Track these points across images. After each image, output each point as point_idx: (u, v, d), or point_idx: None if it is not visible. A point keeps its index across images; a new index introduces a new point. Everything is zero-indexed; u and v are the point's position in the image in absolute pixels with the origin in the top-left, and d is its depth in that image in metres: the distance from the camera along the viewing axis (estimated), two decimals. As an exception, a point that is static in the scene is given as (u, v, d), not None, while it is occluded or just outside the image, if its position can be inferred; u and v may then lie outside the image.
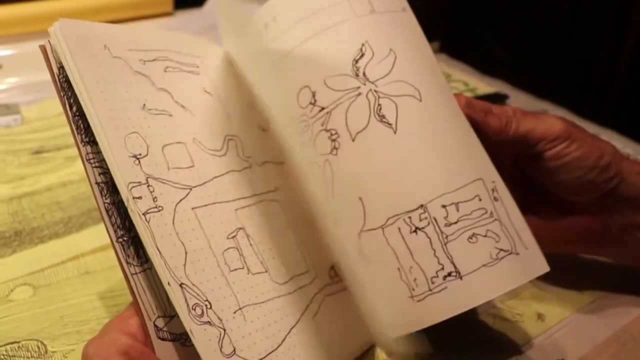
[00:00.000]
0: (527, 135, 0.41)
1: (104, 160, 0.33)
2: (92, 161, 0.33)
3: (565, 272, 0.31)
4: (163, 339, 0.33)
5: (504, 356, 0.41)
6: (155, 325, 0.33)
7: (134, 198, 0.32)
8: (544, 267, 0.35)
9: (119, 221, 0.33)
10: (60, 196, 0.55)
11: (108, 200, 0.33)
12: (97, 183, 0.33)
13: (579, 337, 0.43)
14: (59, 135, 0.64)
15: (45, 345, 0.41)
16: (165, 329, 0.33)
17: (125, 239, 0.33)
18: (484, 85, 0.75)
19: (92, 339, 0.32)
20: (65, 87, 0.34)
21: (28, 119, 0.67)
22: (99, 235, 0.51)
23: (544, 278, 0.36)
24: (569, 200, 0.43)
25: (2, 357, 0.40)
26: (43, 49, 0.34)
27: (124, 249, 0.33)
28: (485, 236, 0.34)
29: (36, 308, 0.44)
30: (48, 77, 0.34)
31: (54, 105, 0.68)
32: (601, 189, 0.41)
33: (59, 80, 0.34)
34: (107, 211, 0.33)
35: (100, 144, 0.33)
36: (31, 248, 0.49)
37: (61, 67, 0.34)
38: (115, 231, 0.33)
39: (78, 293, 0.45)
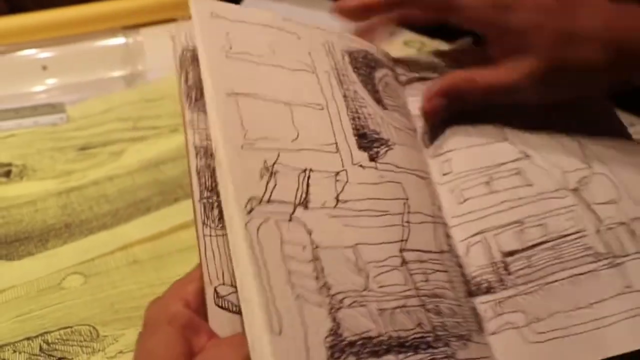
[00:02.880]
0: None
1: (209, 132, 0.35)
2: (196, 128, 0.35)
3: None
4: (221, 307, 0.33)
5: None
6: (216, 292, 0.33)
7: None
8: None
9: (209, 183, 0.34)
10: (107, 189, 0.57)
11: (202, 163, 0.35)
12: (194, 145, 0.35)
13: None
14: (104, 132, 0.66)
15: (97, 330, 0.43)
16: (227, 298, 0.33)
17: (210, 200, 0.34)
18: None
19: (156, 300, 0.32)
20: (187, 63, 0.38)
21: (73, 117, 0.69)
22: (146, 226, 0.52)
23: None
24: None
25: (56, 341, 0.42)
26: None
27: (205, 209, 0.34)
28: None
29: (87, 295, 0.46)
30: (91, 77, 0.37)
31: (98, 104, 0.71)
32: None
33: (180, 57, 0.38)
34: (197, 172, 0.34)
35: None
36: (81, 239, 0.51)
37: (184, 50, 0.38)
38: (201, 192, 0.34)
39: (127, 281, 0.47)
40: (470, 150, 0.43)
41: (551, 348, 0.35)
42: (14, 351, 0.41)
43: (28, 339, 0.42)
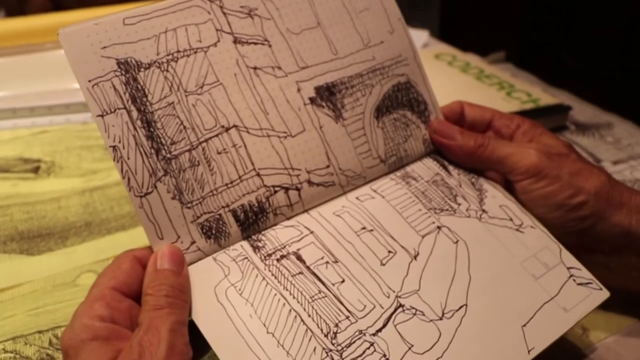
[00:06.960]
0: (499, 162, 0.42)
1: None
2: None
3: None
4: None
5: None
6: None
7: None
8: None
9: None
10: (127, 191, 0.59)
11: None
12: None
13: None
14: (130, 133, 0.68)
15: (106, 328, 0.44)
16: None
17: None
18: (547, 97, 0.74)
19: (65, 330, 0.33)
20: None
21: (104, 116, 0.71)
22: (159, 229, 0.54)
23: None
24: None
25: (66, 336, 0.44)
26: None
27: None
28: None
29: (99, 294, 0.47)
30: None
31: (128, 105, 0.73)
32: (571, 226, 0.41)
33: None
34: None
35: None
36: (99, 238, 0.53)
37: None
38: None
39: (138, 282, 0.48)
40: None
41: None
42: (25, 343, 0.43)
43: (39, 332, 0.44)
